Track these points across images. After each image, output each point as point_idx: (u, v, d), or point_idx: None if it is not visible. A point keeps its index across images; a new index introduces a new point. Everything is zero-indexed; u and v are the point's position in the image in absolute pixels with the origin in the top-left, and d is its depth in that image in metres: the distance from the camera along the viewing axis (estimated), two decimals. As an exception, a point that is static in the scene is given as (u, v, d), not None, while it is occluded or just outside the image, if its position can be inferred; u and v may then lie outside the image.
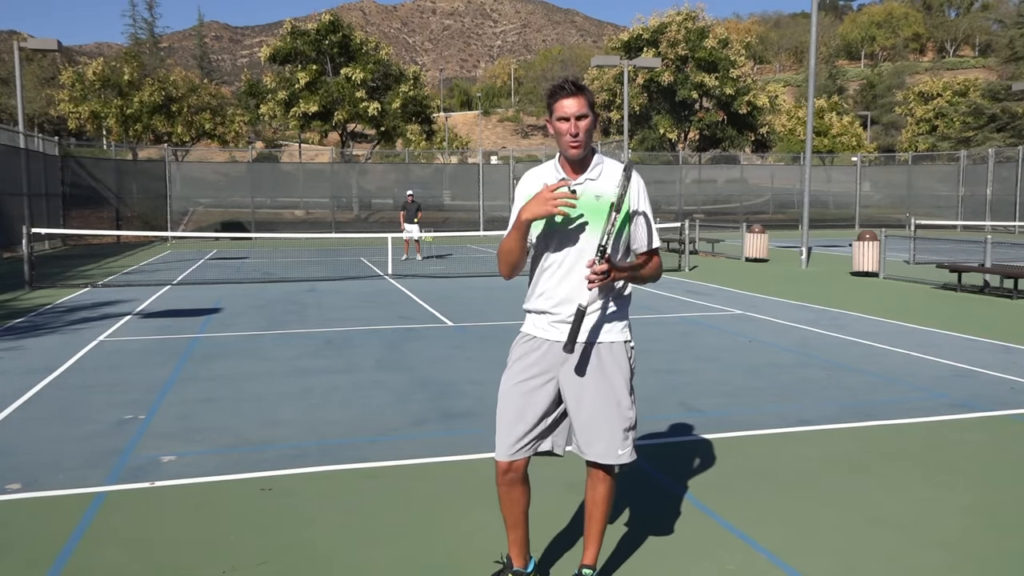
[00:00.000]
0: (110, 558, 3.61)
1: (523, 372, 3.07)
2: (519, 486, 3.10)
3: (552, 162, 3.08)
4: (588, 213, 2.97)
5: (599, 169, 3.01)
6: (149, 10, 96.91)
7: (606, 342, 3.04)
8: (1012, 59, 59.44)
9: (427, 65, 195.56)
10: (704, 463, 4.87)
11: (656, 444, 5.25)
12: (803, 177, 20.37)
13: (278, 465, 4.82)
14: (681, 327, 9.98)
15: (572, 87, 2.94)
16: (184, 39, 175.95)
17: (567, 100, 2.91)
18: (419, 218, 20.23)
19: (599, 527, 3.15)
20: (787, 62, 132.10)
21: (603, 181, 2.99)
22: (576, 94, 2.92)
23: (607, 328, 3.05)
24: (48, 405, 6.25)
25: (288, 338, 9.28)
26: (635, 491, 4.41)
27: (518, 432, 3.03)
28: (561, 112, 2.92)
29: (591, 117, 2.94)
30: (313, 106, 37.73)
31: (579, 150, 2.94)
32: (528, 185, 3.08)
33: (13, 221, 20.22)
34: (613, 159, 3.07)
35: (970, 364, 7.64)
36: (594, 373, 3.02)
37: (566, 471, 4.47)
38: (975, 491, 4.41)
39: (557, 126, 2.94)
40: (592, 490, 3.13)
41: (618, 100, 42.84)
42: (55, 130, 45.58)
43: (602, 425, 3.02)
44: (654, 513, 4.11)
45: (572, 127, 2.91)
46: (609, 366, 3.03)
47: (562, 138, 2.94)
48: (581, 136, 2.92)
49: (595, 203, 2.97)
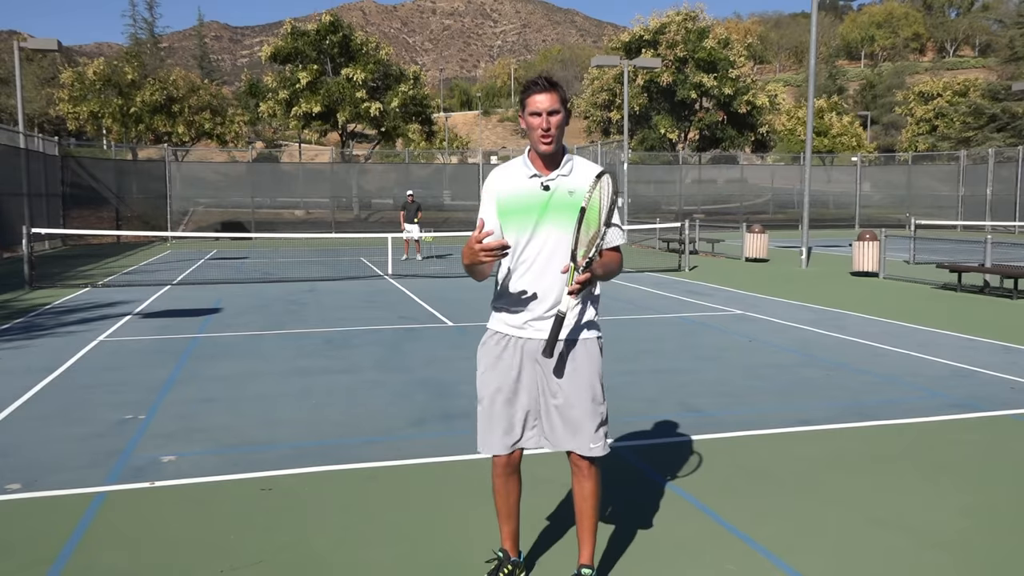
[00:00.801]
0: (110, 558, 3.61)
1: (501, 378, 3.11)
2: (515, 476, 3.22)
3: (521, 157, 3.10)
4: (562, 210, 2.99)
5: (570, 166, 3.05)
6: (149, 10, 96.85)
7: (581, 339, 3.08)
8: (1012, 59, 59.41)
9: (427, 65, 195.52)
10: (704, 463, 4.87)
11: (656, 444, 5.25)
12: (803, 177, 20.37)
13: (278, 465, 4.82)
14: (681, 327, 9.98)
15: (545, 83, 2.98)
16: (184, 39, 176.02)
17: (539, 95, 2.95)
18: (419, 218, 20.23)
19: (591, 524, 3.18)
20: (787, 62, 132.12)
21: (575, 177, 3.02)
22: (548, 90, 2.96)
23: (581, 326, 3.09)
24: (48, 405, 6.25)
25: (288, 338, 9.28)
26: (635, 491, 4.41)
27: (514, 437, 3.13)
28: (533, 107, 2.95)
29: (563, 113, 2.98)
30: (315, 106, 37.73)
31: (551, 145, 2.97)
32: (495, 181, 3.10)
33: (13, 221, 20.21)
34: (585, 159, 3.12)
35: (970, 364, 7.64)
36: (571, 370, 3.06)
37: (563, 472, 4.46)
38: (975, 491, 4.41)
39: (529, 121, 2.98)
40: (580, 487, 3.16)
41: (618, 100, 42.83)
42: (55, 130, 45.56)
43: (579, 420, 3.06)
44: (654, 513, 4.11)
45: (544, 122, 2.95)
46: (584, 363, 3.07)
47: (534, 133, 2.98)
48: (553, 131, 2.95)
49: (568, 199, 2.99)
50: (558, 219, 2.98)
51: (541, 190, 3.01)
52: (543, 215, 3.00)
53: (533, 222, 3.00)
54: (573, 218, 2.92)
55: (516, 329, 3.07)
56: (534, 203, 3.01)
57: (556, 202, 2.99)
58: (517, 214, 3.02)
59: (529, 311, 3.04)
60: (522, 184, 3.04)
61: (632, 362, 7.83)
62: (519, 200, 3.03)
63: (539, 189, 3.01)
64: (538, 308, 3.02)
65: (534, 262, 3.02)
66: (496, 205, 3.06)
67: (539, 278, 3.01)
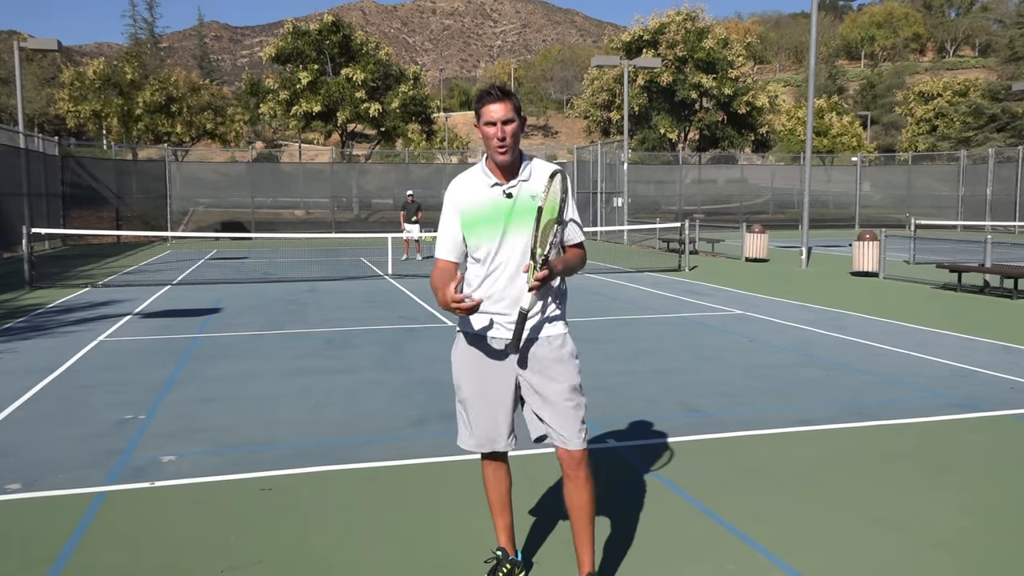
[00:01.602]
0: (110, 558, 3.61)
1: (479, 383, 3.16)
2: (503, 467, 3.31)
3: (479, 166, 3.14)
4: (526, 214, 3.02)
5: (529, 169, 3.09)
6: (149, 10, 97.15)
7: (552, 335, 3.10)
8: (1012, 59, 59.41)
9: (427, 65, 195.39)
10: (704, 463, 4.87)
11: (656, 444, 5.25)
12: (803, 177, 20.37)
13: (278, 465, 4.82)
14: (681, 327, 9.98)
15: (498, 92, 3.01)
16: (184, 39, 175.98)
17: (493, 105, 2.98)
18: (419, 218, 20.23)
19: (588, 535, 3.17)
20: (787, 62, 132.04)
21: (535, 181, 3.07)
22: (502, 99, 2.99)
23: (549, 323, 3.11)
24: (48, 405, 6.25)
25: (288, 338, 9.28)
26: (634, 491, 4.41)
27: (501, 435, 3.21)
28: (488, 117, 2.99)
29: (517, 122, 3.01)
30: (316, 106, 37.73)
31: (507, 155, 3.01)
32: (456, 192, 3.14)
33: (13, 221, 20.21)
34: (540, 159, 3.17)
35: (970, 364, 7.64)
36: (546, 367, 3.08)
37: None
38: (975, 491, 4.41)
39: (485, 130, 3.01)
40: (571, 498, 3.14)
41: (618, 100, 42.83)
42: (55, 130, 45.57)
43: (566, 412, 3.09)
44: (654, 513, 4.11)
45: (499, 131, 2.98)
46: (558, 357, 3.08)
47: (490, 142, 3.01)
48: (508, 140, 2.98)
49: (531, 203, 3.03)
50: (524, 224, 3.02)
51: (504, 198, 3.05)
52: (509, 222, 3.04)
53: (501, 230, 3.04)
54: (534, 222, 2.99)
55: (496, 329, 3.10)
56: (499, 211, 3.05)
57: (520, 208, 3.03)
58: (482, 223, 3.06)
59: (508, 314, 3.06)
60: (484, 194, 3.07)
61: (632, 362, 7.83)
62: (483, 210, 3.07)
63: (502, 197, 3.05)
64: (512, 310, 3.04)
65: (506, 267, 3.06)
66: (460, 216, 3.10)
67: (512, 282, 3.05)
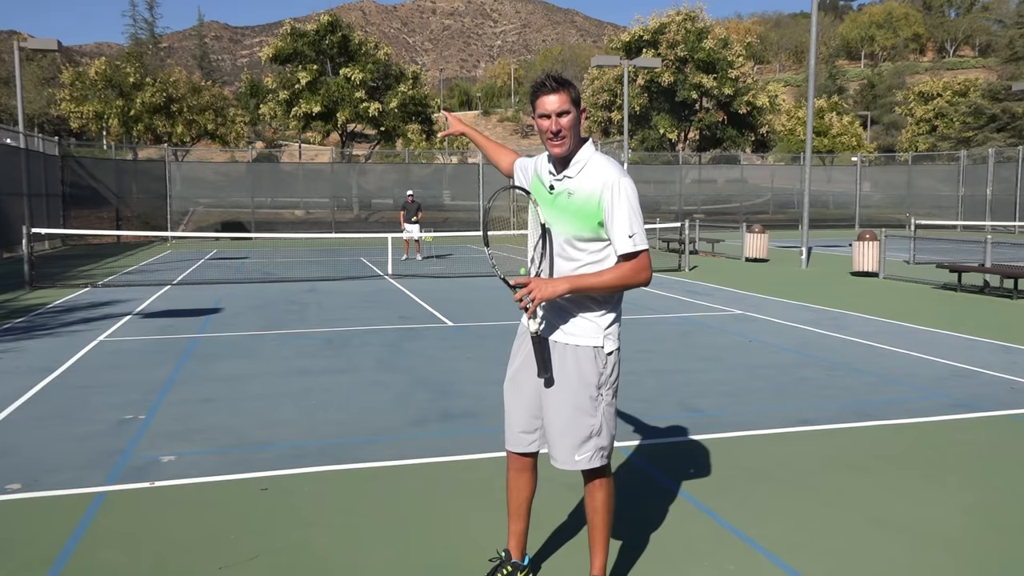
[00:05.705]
0: (110, 558, 3.61)
1: (513, 370, 3.09)
2: (527, 473, 3.15)
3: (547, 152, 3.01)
4: (562, 212, 2.90)
5: (579, 167, 2.88)
6: (149, 10, 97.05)
7: (571, 345, 2.91)
8: (1012, 59, 59.38)
9: (427, 65, 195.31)
10: (704, 463, 4.87)
11: (656, 444, 5.25)
12: (803, 177, 20.37)
13: (278, 465, 4.82)
14: (681, 327, 9.98)
15: (553, 83, 2.82)
16: (184, 39, 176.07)
17: (548, 96, 2.81)
18: (419, 218, 20.23)
19: (603, 535, 3.11)
20: (787, 62, 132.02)
21: (580, 179, 2.87)
22: (557, 90, 2.81)
23: (573, 332, 2.91)
24: (48, 405, 6.25)
25: (288, 338, 9.28)
26: (635, 491, 4.41)
27: (515, 426, 3.09)
28: (542, 109, 2.82)
29: (574, 113, 2.83)
30: (315, 106, 37.72)
31: (562, 149, 2.84)
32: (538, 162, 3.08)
33: (13, 221, 20.21)
34: (611, 157, 2.95)
35: (970, 364, 7.63)
36: (555, 380, 2.92)
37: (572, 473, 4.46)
38: (975, 491, 4.41)
39: (539, 123, 2.85)
40: (590, 498, 3.08)
41: (618, 100, 42.83)
42: (55, 130, 45.57)
43: (558, 430, 2.95)
44: (654, 513, 4.11)
45: (553, 124, 2.81)
46: (570, 370, 2.90)
47: (543, 135, 2.85)
48: (564, 132, 2.82)
49: (567, 201, 2.88)
50: (558, 221, 2.91)
51: (547, 190, 2.95)
52: (549, 214, 2.95)
53: (541, 221, 2.97)
54: (570, 222, 2.86)
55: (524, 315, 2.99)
56: (544, 201, 2.97)
57: (559, 204, 2.90)
58: (538, 203, 2.99)
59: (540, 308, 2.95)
60: (544, 177, 2.99)
61: (632, 362, 7.82)
62: (535, 192, 3.01)
63: (546, 188, 2.96)
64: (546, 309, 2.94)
65: (547, 259, 2.95)
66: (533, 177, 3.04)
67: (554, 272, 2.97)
